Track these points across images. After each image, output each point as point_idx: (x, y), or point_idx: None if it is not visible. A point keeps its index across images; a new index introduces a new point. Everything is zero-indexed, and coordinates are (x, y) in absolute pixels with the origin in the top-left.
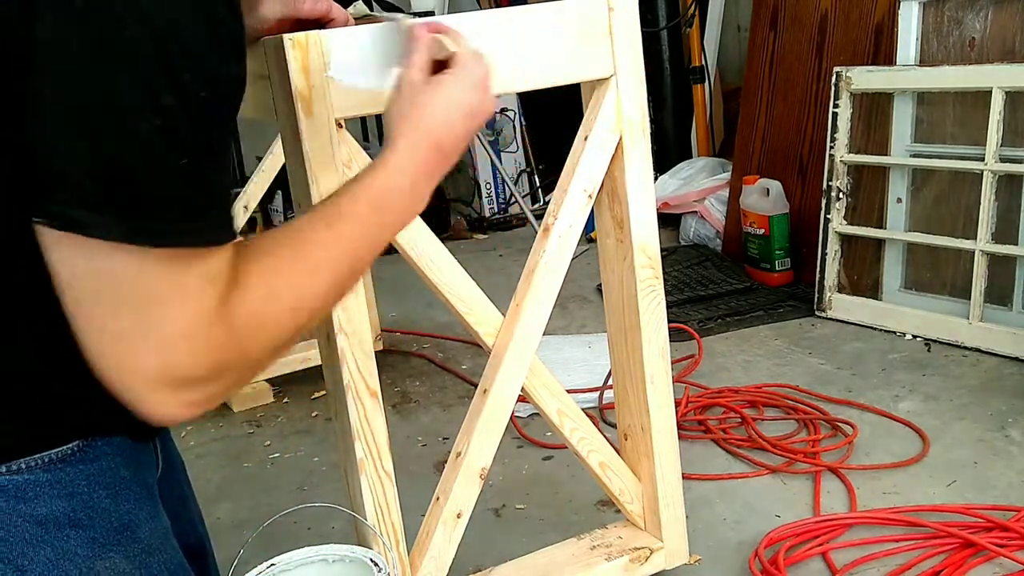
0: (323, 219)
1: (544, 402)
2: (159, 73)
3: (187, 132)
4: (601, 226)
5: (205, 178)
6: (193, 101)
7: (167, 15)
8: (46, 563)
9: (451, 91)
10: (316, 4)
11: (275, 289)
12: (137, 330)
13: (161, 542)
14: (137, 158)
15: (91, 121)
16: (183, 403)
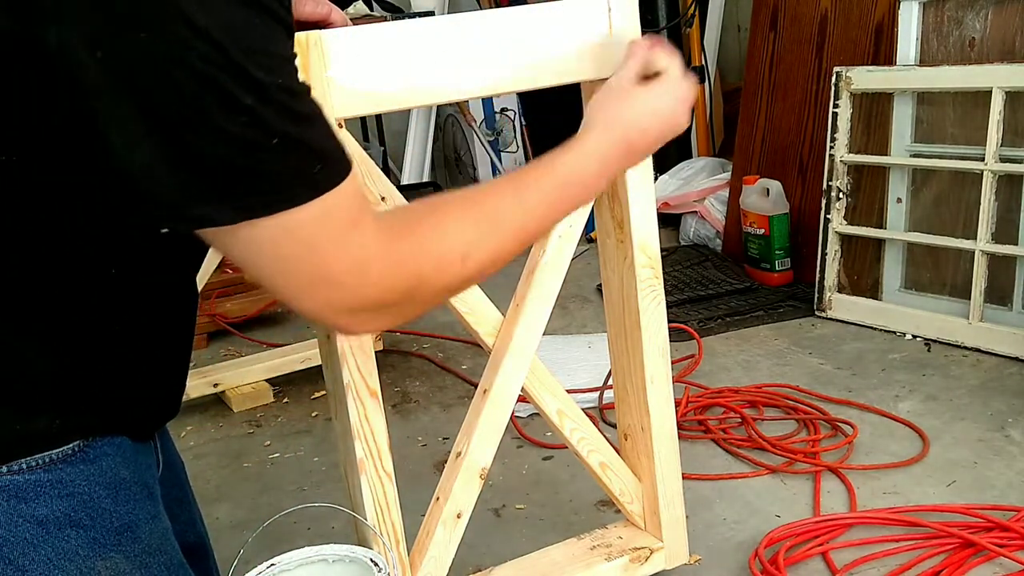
0: (511, 183)
1: (544, 402)
2: (231, 80)
3: (271, 118)
4: (601, 226)
5: (301, 143)
6: (268, 90)
7: (223, 23)
8: (46, 563)
9: (655, 98)
10: (317, 7)
11: (447, 237)
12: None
13: (161, 542)
14: (232, 154)
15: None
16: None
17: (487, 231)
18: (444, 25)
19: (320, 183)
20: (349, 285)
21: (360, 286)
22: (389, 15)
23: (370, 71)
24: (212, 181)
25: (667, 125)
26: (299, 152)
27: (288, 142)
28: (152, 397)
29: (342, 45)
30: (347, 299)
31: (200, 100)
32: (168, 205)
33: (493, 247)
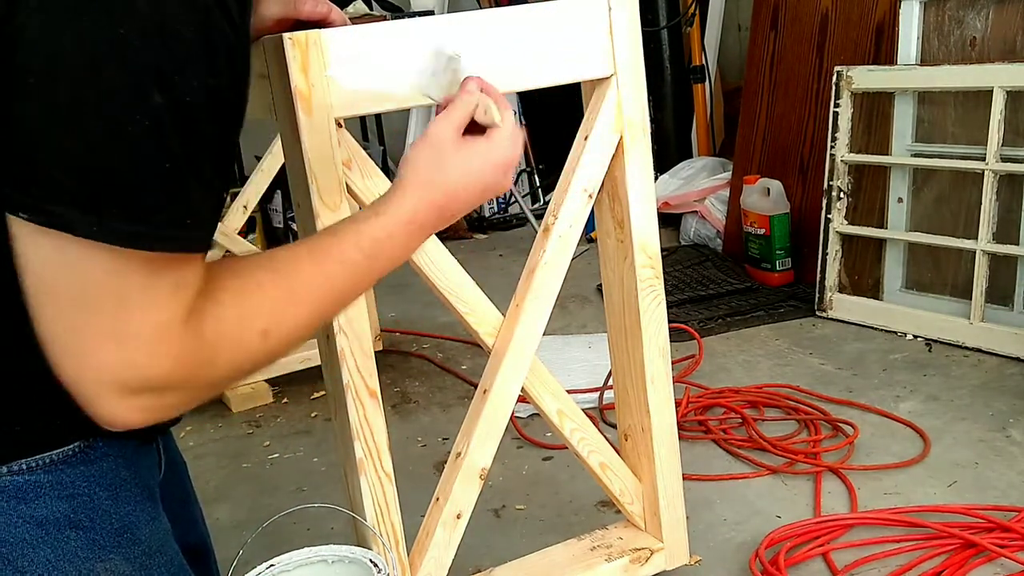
0: (311, 252)
1: (544, 402)
2: (149, 71)
3: (175, 136)
4: (601, 226)
5: (190, 187)
6: (183, 105)
7: (160, 16)
8: (46, 564)
9: (476, 162)
10: (317, 6)
11: (249, 310)
12: (103, 329)
13: (161, 544)
14: (123, 157)
15: (79, 115)
16: (137, 408)
17: (288, 305)
18: (444, 25)
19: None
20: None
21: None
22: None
23: (369, 71)
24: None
25: (486, 191)
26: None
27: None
28: None
29: (341, 44)
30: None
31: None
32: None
33: (294, 321)
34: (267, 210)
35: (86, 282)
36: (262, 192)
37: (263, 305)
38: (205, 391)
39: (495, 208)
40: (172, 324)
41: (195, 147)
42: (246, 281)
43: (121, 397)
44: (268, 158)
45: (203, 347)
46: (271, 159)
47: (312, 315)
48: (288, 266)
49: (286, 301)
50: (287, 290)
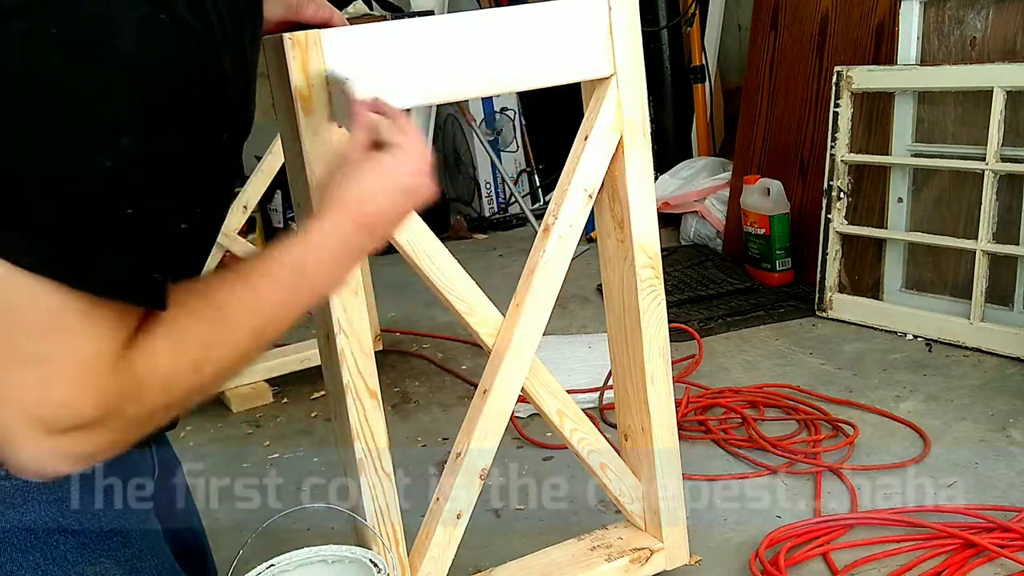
0: (241, 276)
1: (544, 402)
2: (123, 113)
3: (140, 182)
4: (601, 226)
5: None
6: (153, 152)
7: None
8: (35, 569)
9: (388, 171)
10: (319, 11)
11: (181, 340)
12: (28, 358)
13: (152, 547)
14: (81, 193)
15: (46, 146)
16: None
17: (218, 332)
18: (444, 25)
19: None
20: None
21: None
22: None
23: (369, 71)
24: (52, 214)
25: (407, 197)
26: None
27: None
28: None
29: (341, 45)
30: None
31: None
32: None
33: (227, 350)
34: (267, 210)
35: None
36: (262, 192)
37: (195, 336)
38: (133, 429)
39: (495, 208)
40: (101, 358)
41: (160, 197)
42: (179, 311)
43: (43, 437)
44: (268, 158)
45: (132, 381)
46: (271, 159)
47: (245, 342)
48: (219, 294)
49: (218, 330)
50: (219, 318)
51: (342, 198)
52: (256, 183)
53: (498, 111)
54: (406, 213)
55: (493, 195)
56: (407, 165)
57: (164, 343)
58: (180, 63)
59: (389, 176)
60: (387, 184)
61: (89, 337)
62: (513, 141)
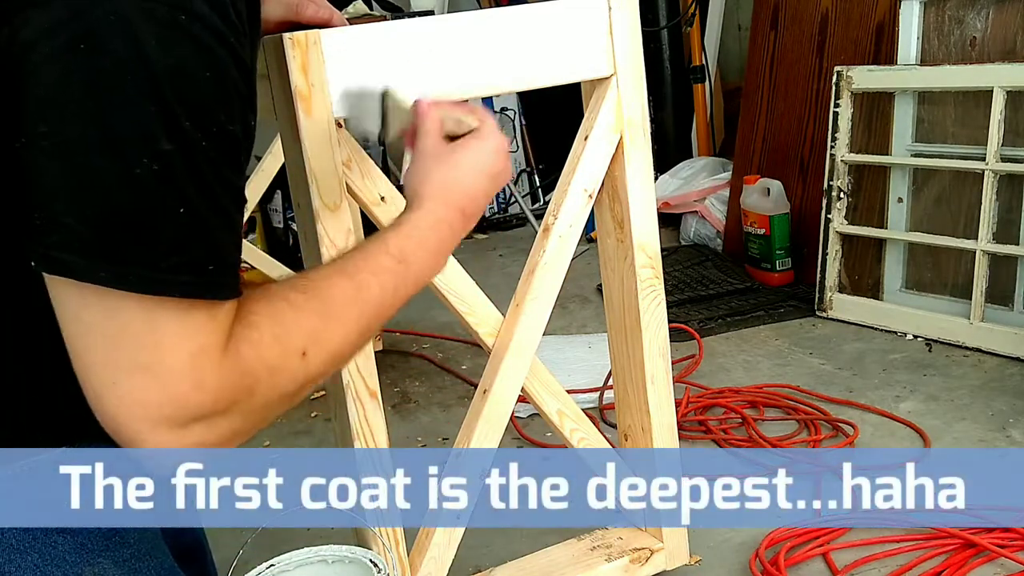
0: (342, 268)
1: (544, 402)
2: (158, 118)
3: (186, 181)
4: (601, 226)
5: (205, 231)
6: (192, 149)
7: (169, 61)
8: (34, 569)
9: (475, 156)
10: (319, 11)
11: (285, 332)
12: (139, 367)
13: (150, 547)
14: (132, 203)
15: (87, 163)
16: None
17: (324, 322)
18: (444, 25)
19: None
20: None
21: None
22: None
23: (369, 71)
24: (100, 229)
25: (493, 182)
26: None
27: (194, 220)
28: None
29: (341, 45)
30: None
31: (118, 127)
32: (45, 240)
33: (334, 339)
34: (267, 210)
35: (117, 323)
36: (262, 192)
37: (299, 326)
38: (256, 417)
39: (495, 208)
40: (207, 352)
41: (210, 190)
42: (278, 304)
43: (170, 432)
44: (268, 158)
45: (243, 373)
46: (271, 159)
47: (351, 331)
48: (320, 284)
49: (322, 319)
50: (322, 308)
51: (441, 188)
52: (256, 183)
53: (498, 111)
54: (492, 192)
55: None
56: (491, 145)
57: (269, 335)
58: (207, 59)
59: (473, 160)
60: (473, 168)
61: (189, 335)
62: (513, 141)
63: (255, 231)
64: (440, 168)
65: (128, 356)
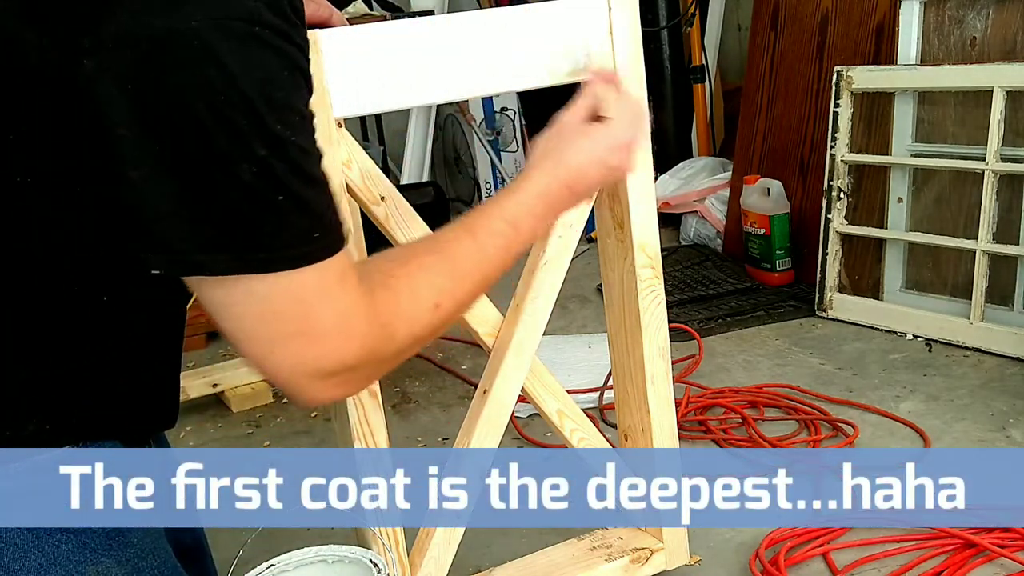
0: (467, 231)
1: (544, 402)
2: (251, 129)
3: (282, 173)
4: (601, 226)
5: (306, 205)
6: (284, 145)
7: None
8: (37, 568)
9: (597, 142)
10: (318, 10)
11: (419, 289)
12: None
13: (153, 546)
14: (240, 202)
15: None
16: (336, 386)
17: (453, 278)
18: (443, 24)
19: (317, 251)
20: (328, 343)
21: (339, 344)
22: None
23: (369, 70)
24: (216, 229)
25: (606, 170)
26: (303, 214)
27: (294, 201)
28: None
29: (341, 45)
30: (323, 358)
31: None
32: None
33: (460, 293)
34: None
35: (264, 302)
36: None
37: (432, 283)
38: (391, 361)
39: None
40: (351, 310)
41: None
42: (412, 266)
43: (322, 381)
44: None
45: (384, 326)
46: None
47: (476, 284)
48: (448, 246)
49: (451, 276)
50: (450, 266)
51: (558, 162)
52: None
53: (498, 111)
54: (606, 181)
55: (493, 195)
56: (616, 137)
57: (405, 290)
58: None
59: (598, 147)
60: (594, 154)
61: (332, 297)
62: (513, 141)
63: None
64: (562, 144)
65: (278, 327)
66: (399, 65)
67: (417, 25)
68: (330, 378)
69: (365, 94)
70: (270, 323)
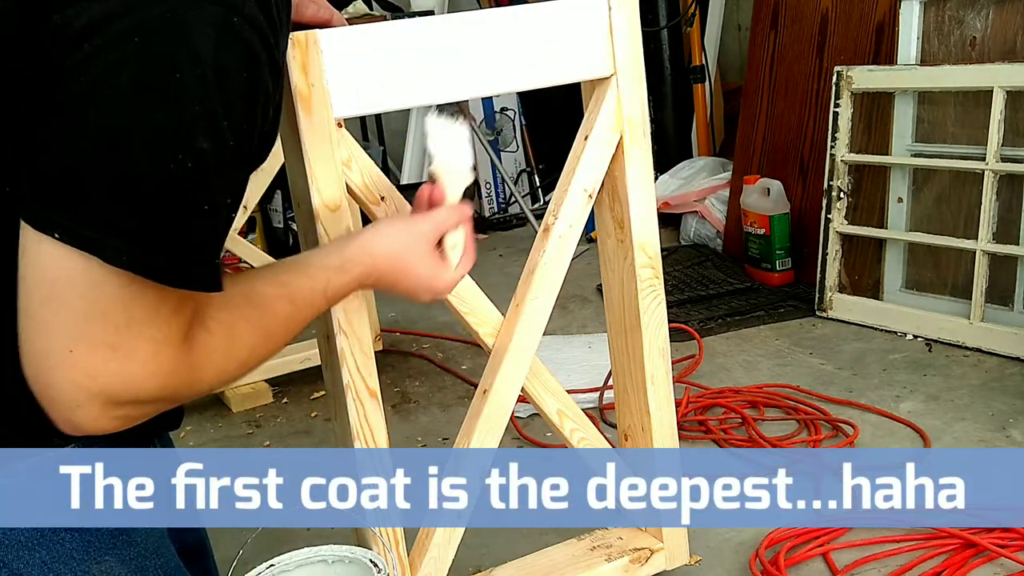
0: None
1: (544, 402)
2: (201, 117)
3: (214, 179)
4: (601, 226)
5: (214, 225)
6: (224, 149)
7: (219, 63)
8: (41, 566)
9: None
10: (319, 11)
11: (234, 341)
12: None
13: (156, 545)
14: (162, 194)
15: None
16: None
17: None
18: (443, 25)
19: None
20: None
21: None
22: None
23: (369, 71)
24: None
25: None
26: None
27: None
28: None
29: (341, 45)
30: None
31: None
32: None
33: (263, 353)
34: (267, 210)
35: (99, 298)
36: (262, 192)
37: (246, 340)
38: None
39: (495, 208)
40: (168, 343)
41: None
42: (235, 317)
43: (103, 407)
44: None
45: (191, 369)
46: (271, 159)
47: (278, 345)
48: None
49: (264, 337)
50: (266, 328)
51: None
52: (256, 183)
53: (498, 111)
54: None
55: (493, 195)
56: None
57: (220, 343)
58: (251, 63)
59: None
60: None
61: (158, 325)
62: (513, 141)
63: (255, 231)
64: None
65: (98, 331)
66: (399, 65)
67: (417, 25)
68: (113, 406)
69: (365, 94)
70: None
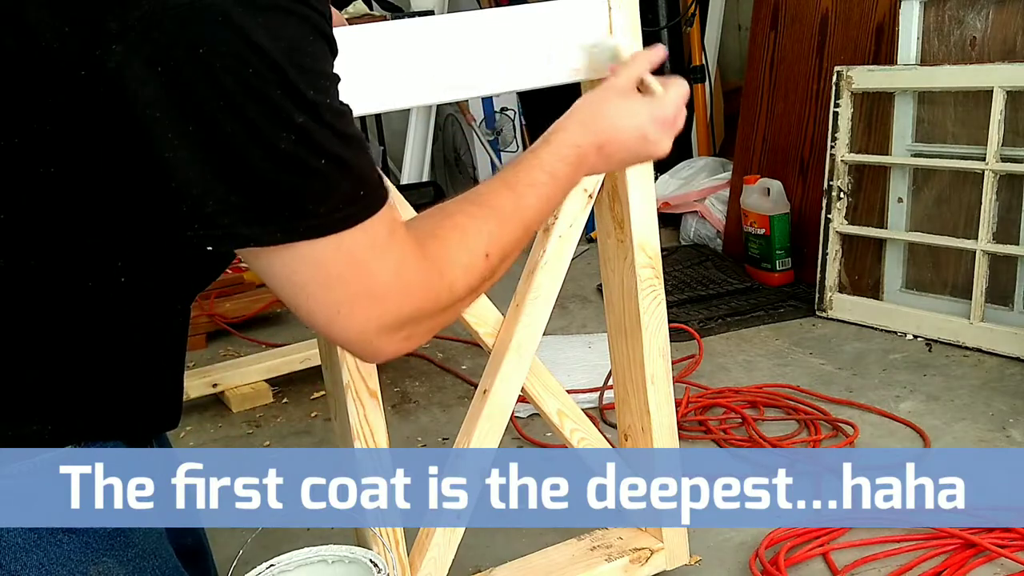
0: (505, 184)
1: (544, 402)
2: (285, 98)
3: (322, 138)
4: (601, 226)
5: (348, 165)
6: (320, 110)
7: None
8: (38, 568)
9: (642, 111)
10: None
11: (469, 239)
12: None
13: (155, 546)
14: (283, 173)
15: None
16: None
17: (500, 227)
18: (443, 24)
19: (363, 209)
20: (391, 298)
21: (401, 298)
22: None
23: (369, 70)
24: (261, 200)
25: (645, 146)
26: (346, 175)
27: (336, 164)
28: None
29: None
30: (388, 314)
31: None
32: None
33: (506, 242)
34: None
35: (320, 267)
36: None
37: (480, 231)
38: (451, 313)
39: None
40: (406, 261)
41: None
42: (459, 219)
43: (389, 336)
44: None
45: (440, 277)
46: None
47: (519, 232)
48: (489, 198)
49: (497, 225)
50: (495, 216)
51: (588, 117)
52: None
53: (498, 111)
54: (640, 156)
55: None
56: (659, 112)
57: (455, 239)
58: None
59: (642, 115)
60: (637, 120)
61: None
62: (513, 141)
63: None
64: (608, 105)
65: (339, 291)
66: (399, 65)
67: (417, 25)
68: (397, 332)
69: (365, 94)
70: (331, 288)
